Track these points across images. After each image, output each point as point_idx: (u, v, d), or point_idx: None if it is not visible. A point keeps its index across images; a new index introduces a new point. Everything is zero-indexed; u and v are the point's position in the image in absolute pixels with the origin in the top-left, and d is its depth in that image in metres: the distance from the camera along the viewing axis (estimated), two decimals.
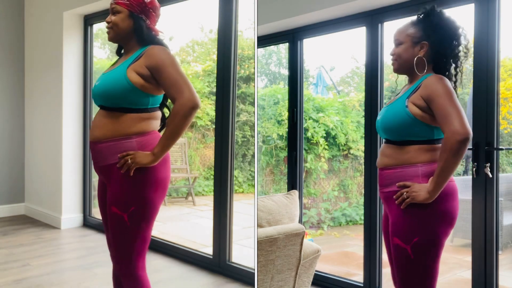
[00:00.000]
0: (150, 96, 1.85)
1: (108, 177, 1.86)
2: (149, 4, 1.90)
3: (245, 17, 6.70)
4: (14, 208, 5.22)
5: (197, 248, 3.82)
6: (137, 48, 1.90)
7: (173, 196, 7.29)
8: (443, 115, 1.69)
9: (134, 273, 1.85)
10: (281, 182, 6.17)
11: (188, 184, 7.16)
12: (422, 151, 1.78)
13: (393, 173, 1.82)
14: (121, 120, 1.82)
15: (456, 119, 1.66)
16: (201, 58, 8.53)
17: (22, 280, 3.20)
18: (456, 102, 1.71)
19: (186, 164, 7.20)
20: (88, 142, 4.35)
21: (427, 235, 1.74)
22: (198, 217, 6.25)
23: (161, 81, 1.80)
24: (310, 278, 2.87)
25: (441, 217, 1.75)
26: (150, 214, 1.84)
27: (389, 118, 1.84)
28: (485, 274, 2.60)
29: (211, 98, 7.82)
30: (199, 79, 7.95)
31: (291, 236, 2.56)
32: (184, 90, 1.75)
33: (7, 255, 3.75)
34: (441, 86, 1.73)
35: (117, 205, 1.81)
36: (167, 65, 1.79)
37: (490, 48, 2.57)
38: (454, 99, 1.71)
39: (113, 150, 1.82)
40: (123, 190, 1.81)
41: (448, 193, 1.76)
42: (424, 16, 1.87)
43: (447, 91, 1.72)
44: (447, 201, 1.76)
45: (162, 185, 1.85)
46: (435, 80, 1.76)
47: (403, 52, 1.87)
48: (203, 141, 7.91)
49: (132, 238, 1.83)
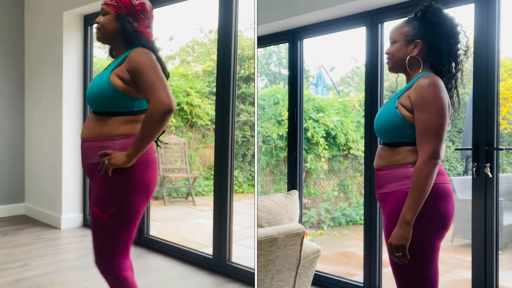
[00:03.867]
0: (135, 100, 1.84)
1: (92, 177, 1.89)
2: (137, 6, 1.88)
3: (245, 17, 6.71)
4: (14, 208, 5.21)
5: (197, 248, 3.81)
6: (124, 51, 1.90)
7: (173, 196, 7.29)
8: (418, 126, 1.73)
9: (116, 273, 1.86)
10: (281, 182, 6.17)
11: (188, 184, 7.16)
12: (413, 152, 1.74)
13: (384, 174, 1.80)
14: (107, 122, 1.83)
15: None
16: (201, 58, 8.53)
17: (22, 280, 3.20)
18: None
19: (186, 164, 7.20)
20: None
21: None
22: (198, 217, 6.25)
23: (139, 84, 1.78)
24: (310, 278, 2.87)
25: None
26: (130, 216, 1.83)
27: (381, 120, 1.82)
28: (485, 274, 2.60)
29: (211, 98, 7.82)
30: (199, 79, 7.95)
31: (291, 236, 2.56)
32: (160, 93, 1.72)
33: (7, 255, 3.75)
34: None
35: (98, 205, 1.82)
36: (145, 67, 1.76)
37: (490, 48, 2.57)
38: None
39: (96, 150, 1.83)
40: (104, 191, 1.81)
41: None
42: (419, 14, 1.84)
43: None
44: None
45: (142, 189, 1.82)
46: (423, 84, 1.72)
47: (396, 51, 1.83)
48: (203, 141, 7.91)
49: (113, 240, 1.84)
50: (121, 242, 1.85)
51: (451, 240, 4.74)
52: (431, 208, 1.69)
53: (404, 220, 1.65)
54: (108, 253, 1.85)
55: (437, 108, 1.66)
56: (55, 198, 4.75)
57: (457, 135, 6.04)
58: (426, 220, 1.68)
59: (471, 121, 2.70)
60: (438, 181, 1.71)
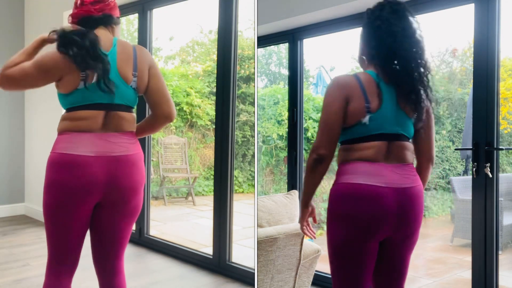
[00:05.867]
0: (61, 96, 1.84)
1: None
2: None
3: (245, 17, 6.71)
4: (14, 208, 5.21)
5: (197, 248, 3.82)
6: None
7: (173, 196, 7.29)
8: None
9: (46, 270, 1.86)
10: (281, 182, 6.17)
11: (188, 184, 7.16)
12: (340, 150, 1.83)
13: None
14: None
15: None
16: (201, 58, 8.53)
17: (22, 280, 3.20)
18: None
19: (186, 164, 7.20)
20: None
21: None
22: (198, 217, 6.25)
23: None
24: (310, 278, 2.87)
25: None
26: (46, 214, 1.81)
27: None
28: (485, 274, 2.60)
29: (211, 98, 7.82)
30: (199, 79, 7.95)
31: (291, 236, 2.56)
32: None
33: (7, 255, 3.75)
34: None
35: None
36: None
37: (490, 48, 2.57)
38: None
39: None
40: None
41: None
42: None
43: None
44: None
45: (48, 188, 1.78)
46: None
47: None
48: (203, 141, 7.91)
49: (46, 235, 1.83)
50: (49, 240, 1.83)
51: (451, 240, 4.73)
52: (331, 208, 1.76)
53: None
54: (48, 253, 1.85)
55: (323, 105, 1.75)
56: None
57: (457, 135, 6.04)
58: (331, 220, 1.75)
59: (471, 121, 2.70)
60: (337, 182, 1.76)
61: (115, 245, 1.89)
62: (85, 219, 1.80)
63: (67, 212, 1.75)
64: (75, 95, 1.78)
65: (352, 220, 1.70)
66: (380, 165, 1.71)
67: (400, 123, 1.76)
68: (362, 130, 1.73)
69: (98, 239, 1.89)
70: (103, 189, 1.75)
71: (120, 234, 1.87)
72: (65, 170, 1.73)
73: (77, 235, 1.81)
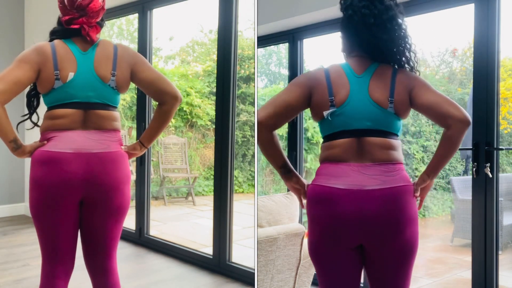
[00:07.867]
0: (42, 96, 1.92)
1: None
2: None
3: (245, 17, 6.71)
4: (14, 208, 5.21)
5: (197, 248, 3.82)
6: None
7: (173, 196, 7.29)
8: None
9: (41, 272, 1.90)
10: (281, 182, 6.17)
11: (188, 184, 7.16)
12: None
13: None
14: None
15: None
16: (201, 58, 8.53)
17: (22, 280, 3.20)
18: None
19: (186, 164, 7.20)
20: None
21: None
22: (198, 217, 6.25)
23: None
24: (310, 278, 2.87)
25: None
26: (32, 212, 1.83)
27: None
28: (485, 274, 2.60)
29: (211, 98, 7.82)
30: (199, 79, 7.95)
31: (291, 236, 2.56)
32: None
33: (7, 255, 3.75)
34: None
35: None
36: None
37: (490, 48, 2.57)
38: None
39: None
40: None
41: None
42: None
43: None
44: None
45: (31, 186, 1.81)
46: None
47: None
48: (203, 141, 7.91)
49: (37, 235, 1.87)
50: (40, 239, 1.87)
51: (451, 240, 4.73)
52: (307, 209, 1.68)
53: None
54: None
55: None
56: None
57: None
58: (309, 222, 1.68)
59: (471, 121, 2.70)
60: (312, 182, 1.67)
61: (103, 244, 1.88)
62: (72, 217, 1.81)
63: (49, 208, 1.76)
64: (53, 94, 1.85)
65: (317, 223, 1.62)
66: (345, 166, 1.58)
67: (371, 118, 1.58)
68: (328, 126, 1.64)
69: (85, 238, 1.89)
70: (83, 186, 1.76)
71: (107, 234, 1.86)
72: (45, 167, 1.77)
73: (67, 234, 1.82)
